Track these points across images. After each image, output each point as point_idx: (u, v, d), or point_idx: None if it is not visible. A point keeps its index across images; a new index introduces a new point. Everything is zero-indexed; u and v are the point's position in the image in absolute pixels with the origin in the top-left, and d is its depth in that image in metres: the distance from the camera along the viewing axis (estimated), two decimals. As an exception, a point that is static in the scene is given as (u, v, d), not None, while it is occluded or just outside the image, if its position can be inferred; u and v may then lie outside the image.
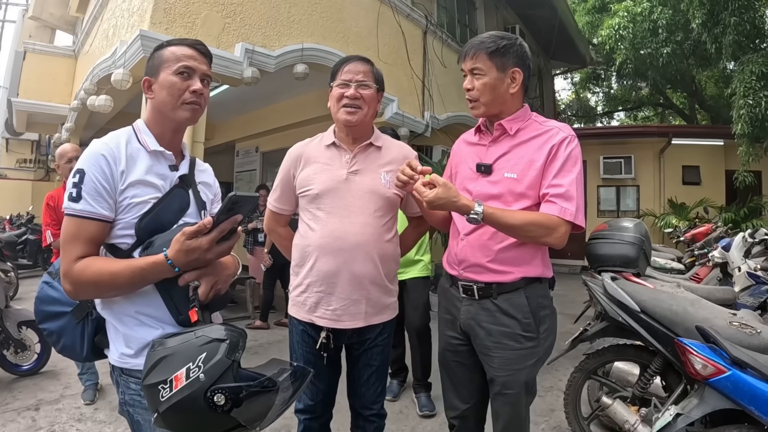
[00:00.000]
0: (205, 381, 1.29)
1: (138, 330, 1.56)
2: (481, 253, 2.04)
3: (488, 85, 2.03)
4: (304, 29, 6.72)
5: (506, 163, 2.05)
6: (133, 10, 5.86)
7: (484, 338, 2.08)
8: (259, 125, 10.55)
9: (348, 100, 2.19)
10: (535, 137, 2.04)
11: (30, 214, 12.17)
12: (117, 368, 1.61)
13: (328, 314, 2.20)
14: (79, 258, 1.48)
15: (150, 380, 1.33)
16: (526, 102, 2.20)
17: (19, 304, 5.73)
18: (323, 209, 2.21)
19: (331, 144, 2.30)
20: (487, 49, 2.02)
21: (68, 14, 12.63)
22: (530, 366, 2.06)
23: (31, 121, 11.83)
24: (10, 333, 4.48)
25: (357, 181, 2.23)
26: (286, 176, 2.35)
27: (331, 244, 2.17)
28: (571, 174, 1.96)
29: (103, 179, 1.49)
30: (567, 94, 27.11)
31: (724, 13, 9.93)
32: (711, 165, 13.52)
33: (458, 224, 2.16)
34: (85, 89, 7.18)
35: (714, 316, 2.75)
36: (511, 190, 2.00)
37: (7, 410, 3.92)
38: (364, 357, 2.34)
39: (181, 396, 1.28)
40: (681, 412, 2.53)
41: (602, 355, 3.16)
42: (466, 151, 2.25)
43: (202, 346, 1.34)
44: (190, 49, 1.67)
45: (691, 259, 6.85)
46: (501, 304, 2.04)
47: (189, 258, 1.44)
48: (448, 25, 10.54)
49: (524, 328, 2.03)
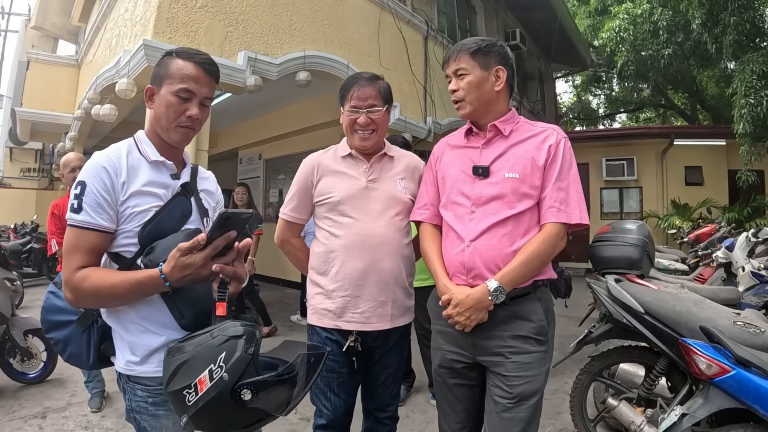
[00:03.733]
0: (229, 379, 1.31)
1: (143, 337, 1.59)
2: (492, 259, 1.95)
3: (473, 83, 2.03)
4: (306, 36, 6.75)
5: (504, 163, 2.02)
6: (136, 20, 5.90)
7: (495, 345, 1.97)
8: (262, 132, 10.59)
9: (360, 128, 2.26)
10: (531, 137, 2.03)
11: (34, 223, 12.16)
12: (123, 375, 1.64)
13: (356, 317, 2.22)
14: (80, 267, 1.51)
15: (173, 387, 1.35)
16: (514, 105, 2.21)
17: (25, 312, 5.75)
18: (346, 214, 2.24)
19: (347, 155, 2.35)
20: (469, 50, 2.04)
21: (70, 24, 12.74)
22: (544, 373, 1.99)
23: (34, 130, 11.91)
24: (16, 341, 4.49)
25: (376, 189, 2.29)
26: (304, 185, 2.36)
27: (358, 244, 2.21)
28: (569, 176, 1.98)
29: (104, 191, 1.52)
30: (568, 96, 27.13)
31: (723, 13, 9.95)
32: (713, 165, 13.47)
33: (459, 229, 2.05)
34: (88, 98, 7.22)
35: (718, 315, 2.77)
36: (515, 189, 1.96)
37: (14, 418, 3.94)
38: (383, 359, 2.35)
39: (208, 398, 1.30)
40: (686, 412, 2.54)
41: (607, 357, 3.17)
42: (454, 155, 2.19)
43: (220, 345, 1.35)
44: (196, 68, 1.66)
45: (694, 259, 6.83)
46: (514, 309, 1.96)
47: (183, 273, 1.46)
48: (448, 31, 10.57)
49: (538, 331, 1.97)
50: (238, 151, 12.38)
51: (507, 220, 1.96)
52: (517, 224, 1.96)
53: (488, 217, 1.98)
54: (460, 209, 2.06)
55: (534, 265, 1.92)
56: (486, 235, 1.97)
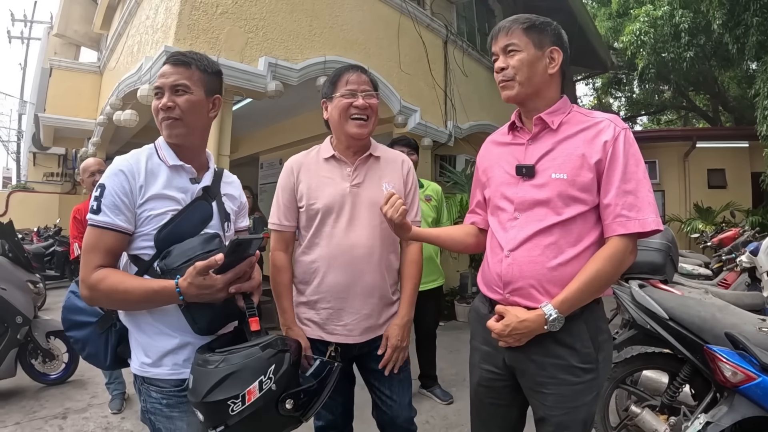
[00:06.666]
0: (277, 390, 1.41)
1: (157, 338, 1.64)
2: (533, 273, 1.73)
3: (525, 61, 1.76)
4: (325, 42, 6.77)
5: (552, 162, 1.76)
6: (157, 27, 5.98)
7: (534, 373, 1.78)
8: (283, 138, 10.61)
9: (358, 111, 2.16)
10: (583, 130, 1.76)
11: (57, 227, 12.35)
12: (138, 377, 1.69)
13: (338, 329, 2.18)
14: (98, 267, 1.57)
15: (214, 397, 1.38)
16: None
17: (47, 314, 5.83)
18: (328, 223, 2.18)
19: (330, 157, 2.26)
20: (522, 25, 1.79)
21: (92, 31, 12.90)
22: (589, 402, 1.76)
23: (57, 136, 12.10)
24: (38, 343, 4.56)
25: (361, 194, 2.20)
26: (288, 188, 2.27)
27: (340, 256, 2.14)
28: (637, 174, 1.70)
29: (121, 193, 1.58)
30: (589, 99, 26.84)
31: (746, 14, 9.81)
32: (736, 167, 13.33)
33: (500, 237, 1.85)
34: (111, 104, 7.34)
35: (743, 321, 2.72)
36: (561, 193, 1.72)
37: (34, 418, 3.99)
38: (379, 360, 2.25)
39: (255, 408, 1.38)
40: (711, 421, 2.50)
41: (630, 363, 3.13)
42: (498, 153, 1.97)
43: (270, 358, 1.43)
44: (166, 66, 1.72)
45: (718, 264, 6.73)
46: (555, 335, 1.71)
47: (200, 292, 1.49)
48: (468, 35, 10.53)
49: (583, 360, 1.72)
50: (259, 156, 12.43)
51: (552, 227, 1.73)
52: (565, 233, 1.73)
53: (531, 225, 1.76)
54: (503, 215, 1.86)
55: (597, 287, 1.68)
56: (527, 245, 1.76)
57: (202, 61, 1.76)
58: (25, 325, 4.39)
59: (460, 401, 4.32)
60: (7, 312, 4.29)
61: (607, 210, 1.70)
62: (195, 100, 1.70)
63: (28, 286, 4.53)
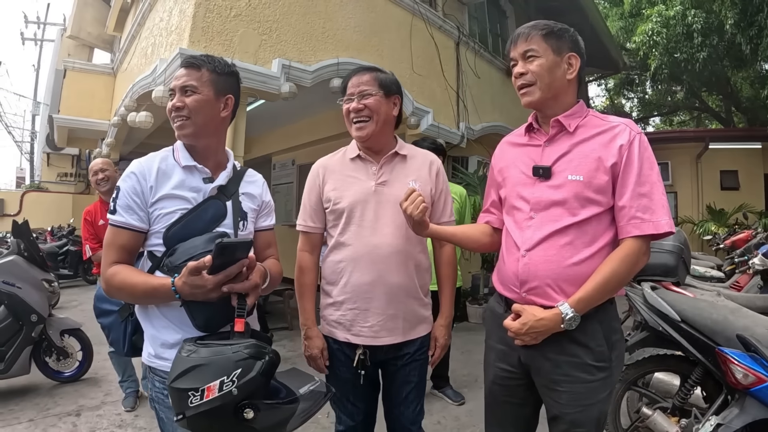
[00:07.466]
0: (237, 395, 1.37)
1: (163, 331, 1.71)
2: (549, 272, 1.77)
3: (545, 67, 1.80)
4: (338, 43, 6.80)
5: (568, 164, 1.79)
6: (172, 29, 6.04)
7: (549, 371, 1.81)
8: (296, 138, 10.65)
9: (354, 114, 2.18)
10: (599, 134, 1.79)
11: (71, 226, 12.44)
12: (146, 366, 1.77)
13: (364, 331, 2.15)
14: (114, 262, 1.67)
15: (179, 384, 1.41)
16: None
17: (61, 312, 5.90)
18: (354, 222, 2.17)
19: (356, 157, 2.27)
20: (541, 31, 1.83)
21: (105, 33, 13.03)
22: (603, 400, 1.79)
23: (71, 137, 12.20)
24: (53, 341, 4.61)
25: (386, 193, 2.18)
26: (314, 190, 2.30)
27: (365, 256, 2.13)
28: (651, 177, 1.74)
29: (133, 194, 1.68)
30: (601, 100, 26.66)
31: (759, 15, 9.77)
32: (749, 169, 13.22)
33: (516, 237, 1.88)
34: (125, 106, 7.39)
35: (755, 324, 2.71)
36: (577, 194, 1.75)
37: (48, 415, 4.03)
38: (402, 373, 2.25)
39: (210, 406, 1.36)
40: (722, 423, 2.51)
41: (642, 365, 3.13)
42: (514, 154, 1.99)
43: (238, 362, 1.41)
44: (180, 69, 1.79)
45: (731, 266, 6.70)
46: (570, 333, 1.74)
47: (193, 291, 1.54)
48: (480, 36, 10.50)
49: (597, 358, 1.76)
50: (272, 156, 12.47)
51: (568, 228, 1.76)
52: (580, 234, 1.76)
53: (547, 225, 1.79)
54: (519, 215, 1.89)
55: (612, 287, 1.72)
56: (544, 244, 1.79)
57: (212, 62, 1.80)
58: (39, 323, 4.44)
59: (471, 402, 4.35)
60: (22, 310, 4.35)
61: (621, 212, 1.74)
62: (203, 100, 1.74)
63: (43, 285, 4.58)
